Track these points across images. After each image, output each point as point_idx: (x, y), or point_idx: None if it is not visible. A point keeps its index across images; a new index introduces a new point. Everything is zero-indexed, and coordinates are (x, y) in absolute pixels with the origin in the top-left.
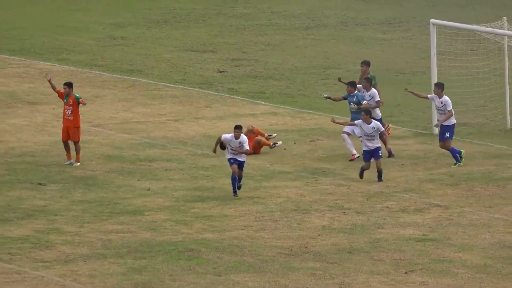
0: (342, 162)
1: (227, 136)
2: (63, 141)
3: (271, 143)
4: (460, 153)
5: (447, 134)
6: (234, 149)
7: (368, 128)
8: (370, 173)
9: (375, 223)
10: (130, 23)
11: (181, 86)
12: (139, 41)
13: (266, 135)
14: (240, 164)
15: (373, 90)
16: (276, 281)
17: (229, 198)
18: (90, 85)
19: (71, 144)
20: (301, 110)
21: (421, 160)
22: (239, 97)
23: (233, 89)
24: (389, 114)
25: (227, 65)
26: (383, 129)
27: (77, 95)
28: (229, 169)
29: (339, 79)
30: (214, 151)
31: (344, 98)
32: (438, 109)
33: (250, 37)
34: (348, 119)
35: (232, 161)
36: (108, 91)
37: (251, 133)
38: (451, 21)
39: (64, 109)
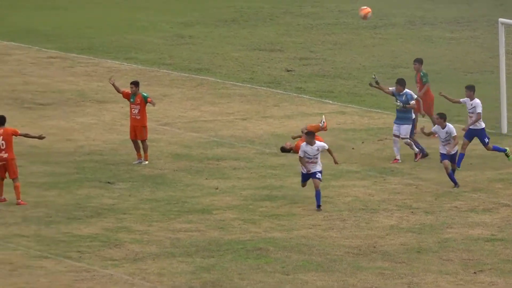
0: (410, 162)
1: (302, 146)
2: (132, 140)
3: (319, 124)
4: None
5: (487, 139)
6: (311, 157)
7: (442, 132)
8: (440, 172)
9: (444, 223)
10: (198, 22)
11: (249, 85)
12: (207, 40)
13: (318, 124)
14: (313, 174)
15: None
16: (344, 280)
17: (298, 196)
18: (158, 84)
19: (140, 143)
20: (369, 109)
21: (489, 159)
22: (307, 96)
23: (301, 88)
24: (456, 114)
25: (294, 64)
26: (455, 133)
27: (145, 94)
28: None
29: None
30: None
31: (393, 94)
32: (469, 112)
33: (318, 36)
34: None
35: (304, 178)
36: (176, 89)
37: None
38: None
39: (131, 108)
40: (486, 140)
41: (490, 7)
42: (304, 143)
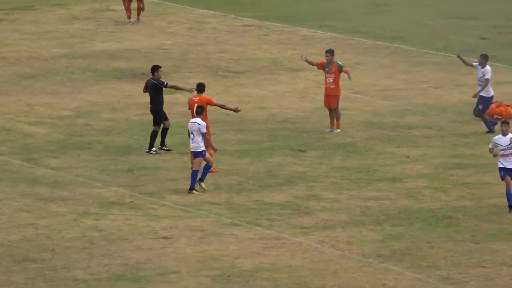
0: None
1: (495, 139)
2: (327, 108)
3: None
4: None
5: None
6: (504, 148)
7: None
8: None
9: None
10: None
11: (442, 53)
12: (402, 8)
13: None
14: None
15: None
16: None
17: (489, 165)
18: (352, 52)
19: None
20: None
21: None
22: (501, 64)
23: (495, 56)
24: None
25: (489, 32)
26: None
27: (340, 63)
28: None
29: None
30: None
31: None
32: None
33: None
34: None
35: (502, 172)
36: (370, 58)
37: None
38: None
39: (326, 78)
40: (480, 107)
41: None
42: (497, 136)
